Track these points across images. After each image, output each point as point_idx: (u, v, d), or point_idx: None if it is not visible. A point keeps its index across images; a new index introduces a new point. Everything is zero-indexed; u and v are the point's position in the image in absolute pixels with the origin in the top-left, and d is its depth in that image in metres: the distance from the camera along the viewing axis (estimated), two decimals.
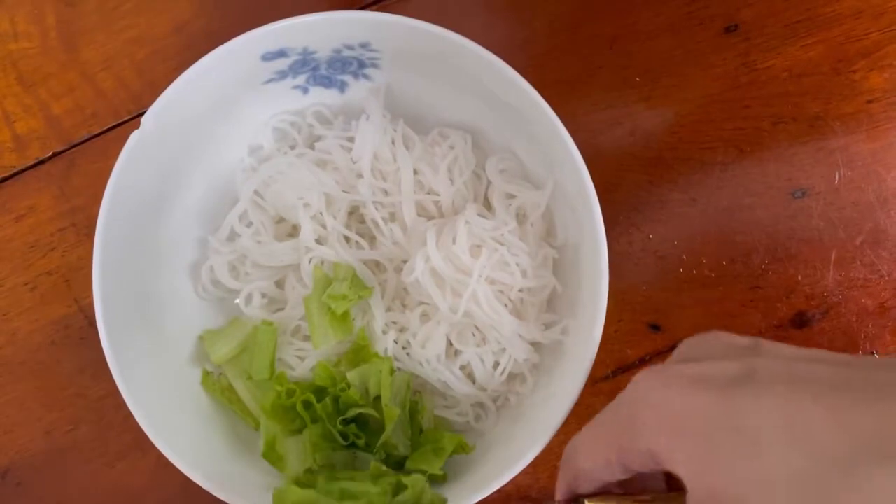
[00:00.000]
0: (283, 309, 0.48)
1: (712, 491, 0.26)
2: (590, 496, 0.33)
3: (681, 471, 0.28)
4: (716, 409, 0.27)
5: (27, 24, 0.56)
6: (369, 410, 0.43)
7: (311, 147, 0.49)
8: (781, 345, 0.30)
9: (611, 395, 0.50)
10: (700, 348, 0.32)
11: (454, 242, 0.44)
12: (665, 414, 0.29)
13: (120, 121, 0.55)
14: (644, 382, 0.30)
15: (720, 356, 0.30)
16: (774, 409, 0.26)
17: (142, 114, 0.55)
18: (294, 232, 0.49)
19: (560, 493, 0.34)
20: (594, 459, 0.32)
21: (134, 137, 0.42)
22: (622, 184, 0.52)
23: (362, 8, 0.54)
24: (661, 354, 0.51)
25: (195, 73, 0.42)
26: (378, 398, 0.43)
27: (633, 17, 0.54)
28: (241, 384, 0.47)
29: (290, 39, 0.43)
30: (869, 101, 0.52)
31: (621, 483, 0.33)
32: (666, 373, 0.30)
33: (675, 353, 0.33)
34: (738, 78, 0.52)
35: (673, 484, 0.34)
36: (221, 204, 0.49)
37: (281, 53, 0.44)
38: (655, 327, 0.52)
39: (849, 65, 0.52)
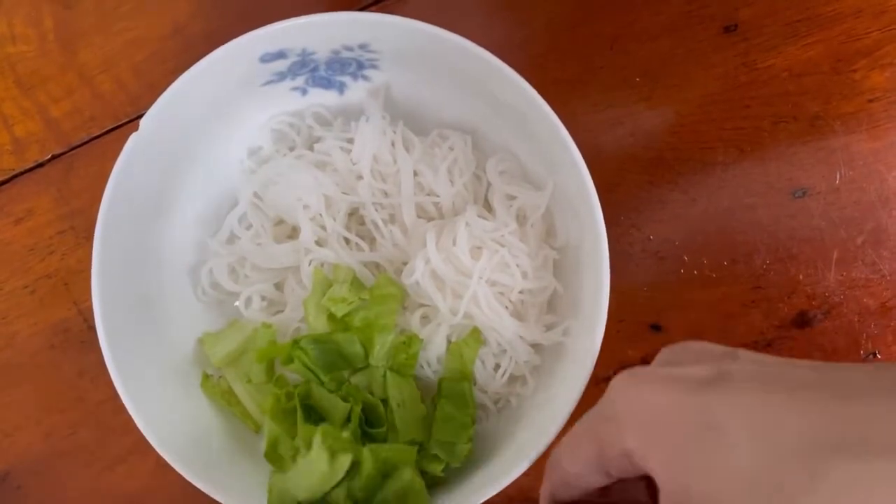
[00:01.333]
0: (282, 311, 0.48)
1: (683, 487, 0.27)
2: None
3: (653, 469, 0.28)
4: (686, 408, 0.27)
5: (25, 26, 0.56)
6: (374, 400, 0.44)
7: (311, 148, 0.49)
8: (758, 353, 0.30)
9: None
10: (678, 354, 0.32)
11: (454, 244, 0.44)
12: (638, 413, 0.29)
13: (118, 123, 0.55)
14: (619, 383, 0.31)
15: (696, 361, 0.30)
16: (743, 405, 0.26)
17: (140, 116, 0.54)
18: (294, 234, 0.49)
19: (543, 501, 0.34)
20: (576, 463, 0.32)
21: (132, 140, 0.42)
22: (622, 184, 0.52)
23: (361, 9, 0.54)
24: None
25: (193, 76, 0.42)
26: (385, 400, 0.44)
27: (633, 16, 0.53)
28: (240, 387, 0.46)
29: (289, 41, 0.43)
30: (870, 101, 0.52)
31: (602, 492, 0.33)
32: (641, 374, 0.30)
33: (656, 359, 0.33)
34: (738, 78, 0.52)
35: (655, 493, 0.34)
36: (221, 206, 0.49)
37: (279, 55, 0.44)
38: (657, 327, 0.51)
39: (849, 64, 0.52)
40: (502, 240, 0.45)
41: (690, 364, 0.30)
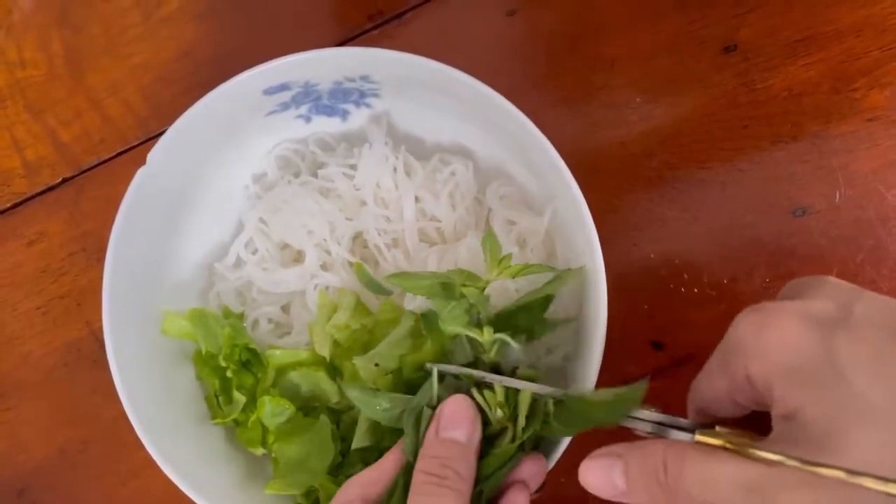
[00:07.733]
0: (289, 333, 0.49)
1: (795, 411, 0.28)
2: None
3: (772, 394, 0.30)
4: (811, 342, 0.29)
5: (34, 51, 0.57)
6: None
7: (315, 174, 0.49)
8: (881, 296, 0.31)
9: None
10: (802, 288, 0.33)
11: None
12: (761, 344, 0.30)
13: (128, 146, 0.56)
14: (744, 317, 0.32)
15: (821, 295, 0.31)
16: (865, 347, 0.28)
17: (149, 139, 0.56)
18: (299, 257, 0.50)
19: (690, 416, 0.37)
20: (710, 390, 0.34)
21: (140, 175, 0.43)
22: (623, 203, 0.53)
23: (362, 32, 0.55)
24: (664, 372, 0.52)
25: (198, 111, 0.42)
26: None
27: (633, 37, 0.54)
28: None
29: (291, 74, 0.44)
30: (869, 120, 0.52)
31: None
32: (766, 309, 0.31)
33: (781, 292, 0.34)
34: (738, 97, 0.53)
35: None
36: (227, 231, 0.50)
37: (283, 87, 0.44)
38: (658, 345, 0.52)
39: (849, 83, 0.52)
40: None
41: (815, 298, 0.31)
